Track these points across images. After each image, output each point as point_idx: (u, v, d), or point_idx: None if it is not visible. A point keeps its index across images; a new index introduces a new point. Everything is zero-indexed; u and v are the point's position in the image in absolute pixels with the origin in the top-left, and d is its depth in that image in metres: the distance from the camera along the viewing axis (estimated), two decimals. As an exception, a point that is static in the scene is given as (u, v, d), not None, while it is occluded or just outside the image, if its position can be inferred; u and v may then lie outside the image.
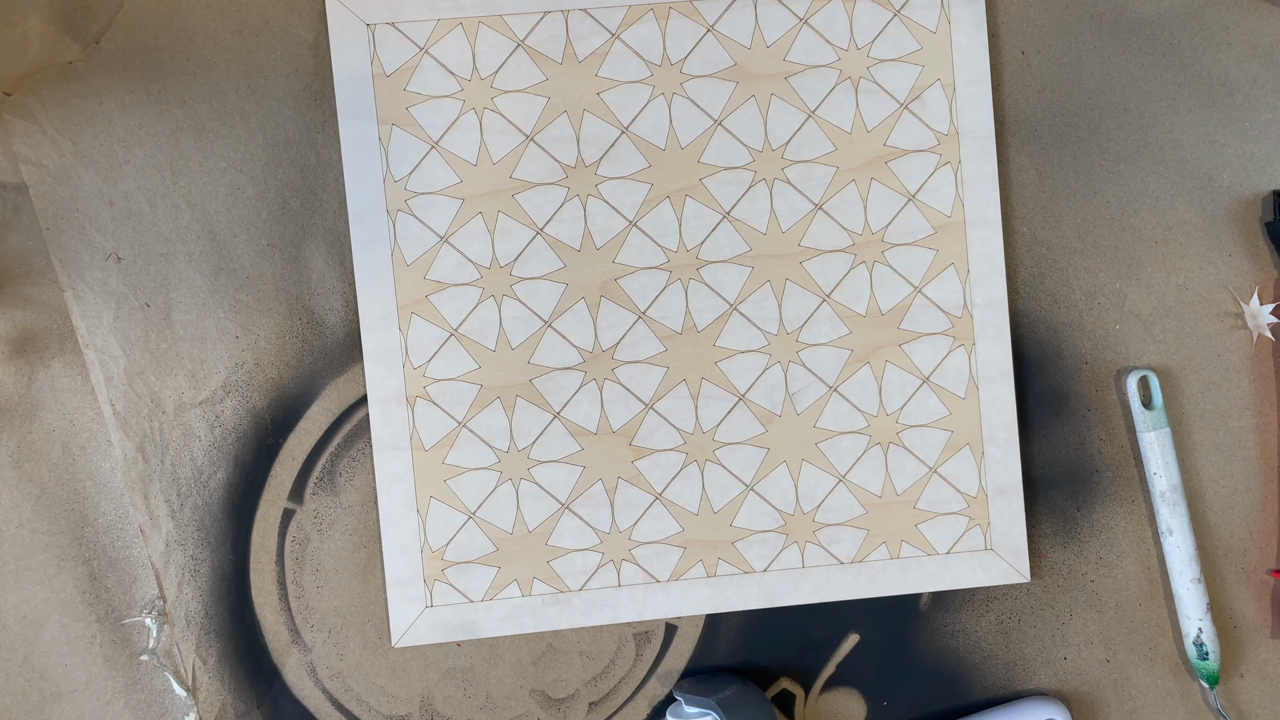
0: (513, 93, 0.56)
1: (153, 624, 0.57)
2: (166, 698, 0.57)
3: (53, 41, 0.55)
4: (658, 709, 0.58)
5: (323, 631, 0.57)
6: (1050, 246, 0.58)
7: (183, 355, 0.56)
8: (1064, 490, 0.59)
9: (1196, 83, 0.58)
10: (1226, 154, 0.59)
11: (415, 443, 0.56)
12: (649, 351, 0.57)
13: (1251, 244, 0.59)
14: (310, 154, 0.56)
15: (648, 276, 0.57)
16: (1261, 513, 0.59)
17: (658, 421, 0.57)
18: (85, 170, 0.55)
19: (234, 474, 0.56)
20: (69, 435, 0.56)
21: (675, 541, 0.57)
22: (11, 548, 0.56)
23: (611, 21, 0.56)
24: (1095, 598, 0.59)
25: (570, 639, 0.58)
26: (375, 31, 0.56)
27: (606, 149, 0.56)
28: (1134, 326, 0.59)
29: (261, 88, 0.56)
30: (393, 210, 0.56)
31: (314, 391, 0.57)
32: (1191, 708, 0.59)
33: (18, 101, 0.55)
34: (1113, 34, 0.58)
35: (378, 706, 0.57)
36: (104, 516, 0.57)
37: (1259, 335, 0.59)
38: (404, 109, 0.56)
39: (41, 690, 0.57)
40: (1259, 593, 0.59)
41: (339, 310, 0.56)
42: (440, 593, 0.57)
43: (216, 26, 0.56)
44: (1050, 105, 0.58)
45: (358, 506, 0.57)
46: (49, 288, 0.56)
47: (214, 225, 0.56)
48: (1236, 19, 0.58)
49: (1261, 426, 0.59)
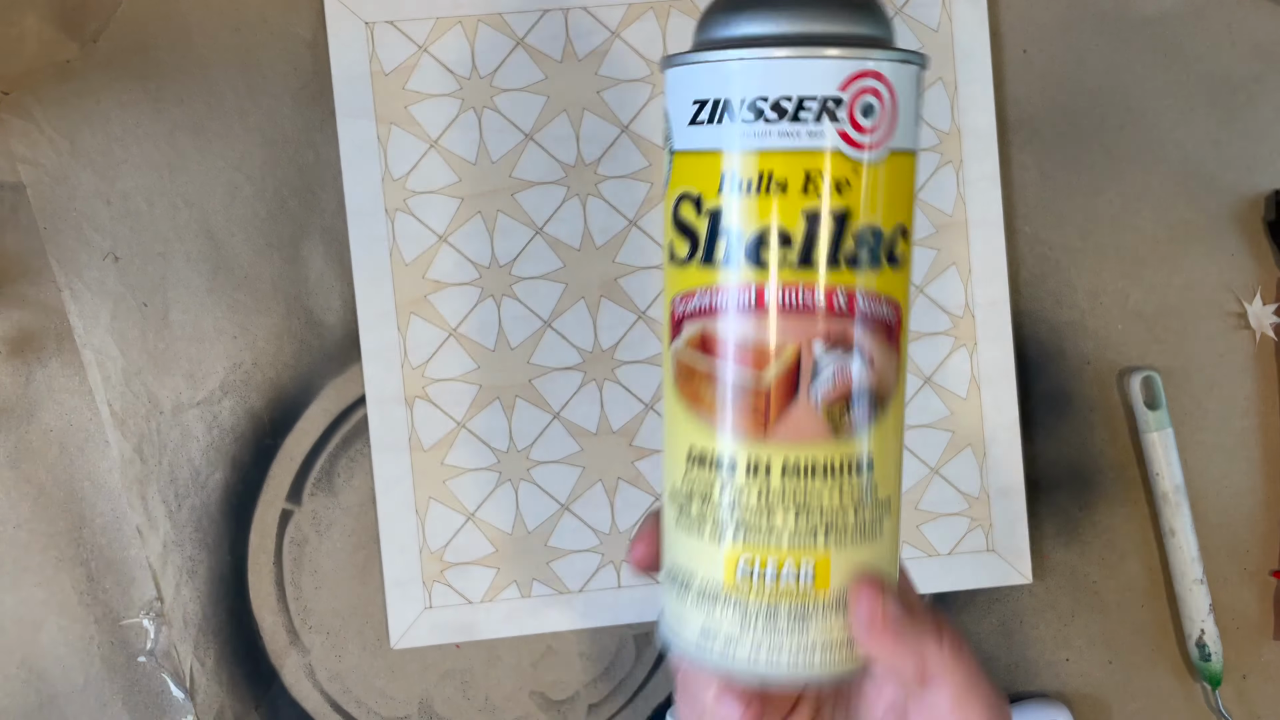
0: (512, 91, 0.56)
1: (150, 625, 0.56)
2: (164, 699, 0.57)
3: (50, 40, 0.55)
4: (658, 711, 0.58)
5: (321, 633, 0.57)
6: (1052, 246, 0.58)
7: (180, 355, 0.56)
8: (1066, 491, 0.58)
9: (1199, 82, 0.58)
10: (1229, 153, 0.58)
11: (414, 443, 0.56)
12: (649, 351, 0.57)
13: (1255, 243, 0.59)
14: (308, 153, 0.56)
15: (647, 276, 0.57)
16: (1265, 513, 0.59)
17: (658, 422, 0.57)
18: (83, 169, 0.55)
19: (232, 474, 0.56)
20: (66, 435, 0.56)
21: (675, 542, 0.57)
22: (9, 548, 0.56)
23: (611, 20, 0.56)
24: (1098, 599, 0.59)
25: (570, 640, 0.57)
26: (374, 30, 0.55)
27: (606, 148, 0.56)
28: (1136, 326, 0.58)
29: (259, 86, 0.56)
30: (391, 209, 0.56)
31: (312, 392, 0.56)
32: (1194, 709, 0.59)
33: (15, 100, 0.55)
34: (1115, 33, 0.58)
35: (376, 708, 0.57)
36: (101, 517, 0.56)
37: (1262, 335, 0.59)
38: (403, 108, 0.56)
39: (39, 691, 0.56)
40: (1262, 594, 0.59)
41: (337, 310, 0.56)
42: (439, 594, 0.56)
43: (214, 25, 0.56)
44: (1052, 104, 0.58)
45: (356, 507, 0.56)
46: (46, 287, 0.56)
47: (212, 224, 0.56)
48: (1239, 18, 0.58)
49: (1265, 427, 0.59)
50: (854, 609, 0.34)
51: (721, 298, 0.34)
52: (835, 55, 0.32)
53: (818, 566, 0.34)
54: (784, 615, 0.34)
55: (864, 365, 0.34)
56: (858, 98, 0.32)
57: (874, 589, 0.34)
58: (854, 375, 0.34)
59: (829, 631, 0.34)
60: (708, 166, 0.33)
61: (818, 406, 0.34)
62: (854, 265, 0.33)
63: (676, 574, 0.36)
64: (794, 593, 0.34)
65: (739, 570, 0.34)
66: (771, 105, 0.32)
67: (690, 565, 0.35)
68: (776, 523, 0.34)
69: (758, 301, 0.33)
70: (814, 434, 0.34)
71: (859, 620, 0.34)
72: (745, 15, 0.33)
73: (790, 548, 0.34)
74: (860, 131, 0.32)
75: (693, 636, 0.35)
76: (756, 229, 0.33)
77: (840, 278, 0.33)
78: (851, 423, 0.34)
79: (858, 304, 0.33)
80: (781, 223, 0.33)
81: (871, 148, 0.33)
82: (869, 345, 0.34)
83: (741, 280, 0.33)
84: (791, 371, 0.33)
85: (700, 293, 0.34)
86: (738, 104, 0.32)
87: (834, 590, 0.34)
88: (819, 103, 0.32)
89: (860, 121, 0.32)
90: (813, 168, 0.32)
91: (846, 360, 0.34)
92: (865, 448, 0.34)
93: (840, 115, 0.32)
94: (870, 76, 0.32)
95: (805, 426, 0.34)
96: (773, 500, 0.34)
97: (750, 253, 0.33)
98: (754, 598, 0.34)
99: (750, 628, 0.34)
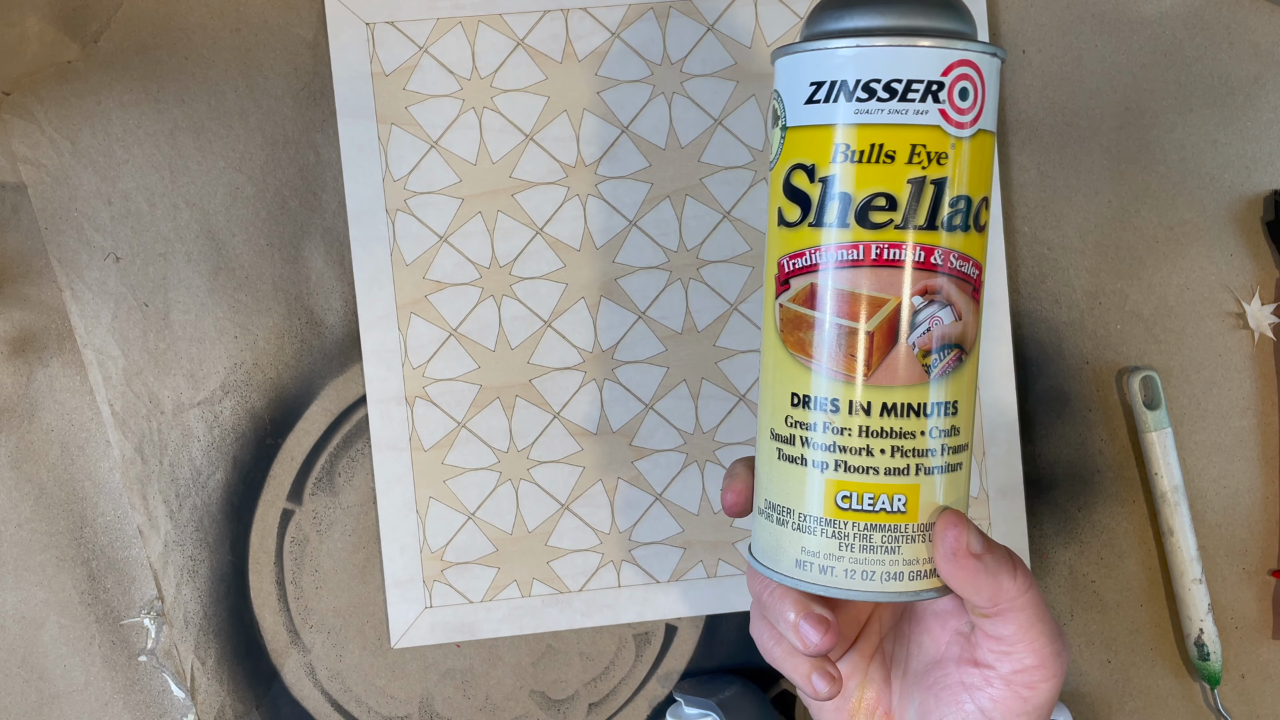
0: (512, 92, 0.56)
1: (151, 625, 0.57)
2: (165, 698, 0.57)
3: (51, 41, 0.55)
4: (658, 710, 0.58)
5: (322, 632, 0.57)
6: (1051, 246, 0.58)
7: (181, 355, 0.56)
8: (1065, 490, 0.59)
9: (1198, 82, 0.58)
10: (1228, 153, 0.58)
11: (414, 443, 0.56)
12: (649, 351, 0.57)
13: (1253, 243, 0.59)
14: (309, 153, 0.56)
15: (647, 276, 0.57)
16: (1263, 513, 0.59)
17: (658, 421, 0.57)
18: (84, 170, 0.55)
19: (232, 474, 0.56)
20: (67, 435, 0.56)
21: (675, 542, 0.57)
22: (10, 548, 0.56)
23: (611, 20, 0.56)
24: (1096, 598, 0.59)
25: (570, 640, 0.57)
26: (374, 30, 0.55)
27: (606, 148, 0.56)
28: (1135, 326, 0.58)
29: (260, 87, 0.56)
30: (392, 210, 0.56)
31: (313, 391, 0.56)
32: (1193, 708, 0.59)
33: (16, 101, 0.55)
34: (1114, 33, 0.58)
35: (377, 707, 0.57)
36: (102, 517, 0.56)
37: (1260, 335, 0.59)
38: (403, 108, 0.56)
39: (40, 691, 0.56)
40: (1260, 593, 0.59)
41: (338, 310, 0.56)
42: (440, 593, 0.56)
43: (215, 26, 0.56)
44: (1051, 104, 0.58)
45: (357, 507, 0.57)
46: (47, 287, 0.56)
47: (212, 225, 0.56)
48: (1238, 18, 0.58)
49: (1263, 426, 0.59)
50: (940, 539, 0.38)
51: (831, 255, 0.38)
52: (939, 45, 0.37)
53: (909, 497, 0.38)
54: (877, 541, 0.38)
55: (953, 316, 0.38)
56: (956, 83, 0.37)
57: (959, 521, 0.38)
58: (945, 325, 0.38)
59: (916, 557, 0.39)
60: (822, 139, 0.38)
61: (914, 352, 0.38)
62: (948, 228, 0.38)
63: (775, 506, 0.40)
64: (887, 520, 0.38)
65: (838, 500, 0.38)
66: (884, 86, 0.37)
67: (790, 497, 0.39)
68: (874, 457, 0.38)
69: (864, 257, 0.38)
70: (910, 377, 0.38)
71: (945, 549, 0.38)
72: (858, 10, 0.38)
73: (886, 480, 0.38)
74: (958, 111, 0.37)
75: (790, 561, 0.39)
76: (866, 194, 0.37)
77: (936, 238, 0.38)
78: (943, 368, 0.38)
79: (950, 262, 0.38)
80: (888, 188, 0.37)
81: (966, 125, 0.38)
82: (957, 299, 0.38)
83: (851, 239, 0.38)
84: (892, 321, 0.38)
85: (810, 251, 0.38)
86: (852, 85, 0.37)
87: (921, 520, 0.38)
88: (924, 85, 0.37)
89: (958, 103, 0.37)
90: (917, 141, 0.37)
91: (939, 312, 0.38)
92: (952, 391, 0.39)
93: (942, 96, 0.37)
94: (966, 65, 0.37)
95: (902, 371, 0.38)
96: (871, 437, 0.38)
97: (859, 215, 0.37)
98: (851, 525, 0.38)
99: (846, 551, 0.38)
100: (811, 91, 0.38)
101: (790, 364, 0.39)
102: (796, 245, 0.39)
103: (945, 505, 0.39)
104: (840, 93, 0.37)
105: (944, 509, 0.39)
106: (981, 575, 0.38)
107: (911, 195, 0.37)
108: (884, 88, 0.37)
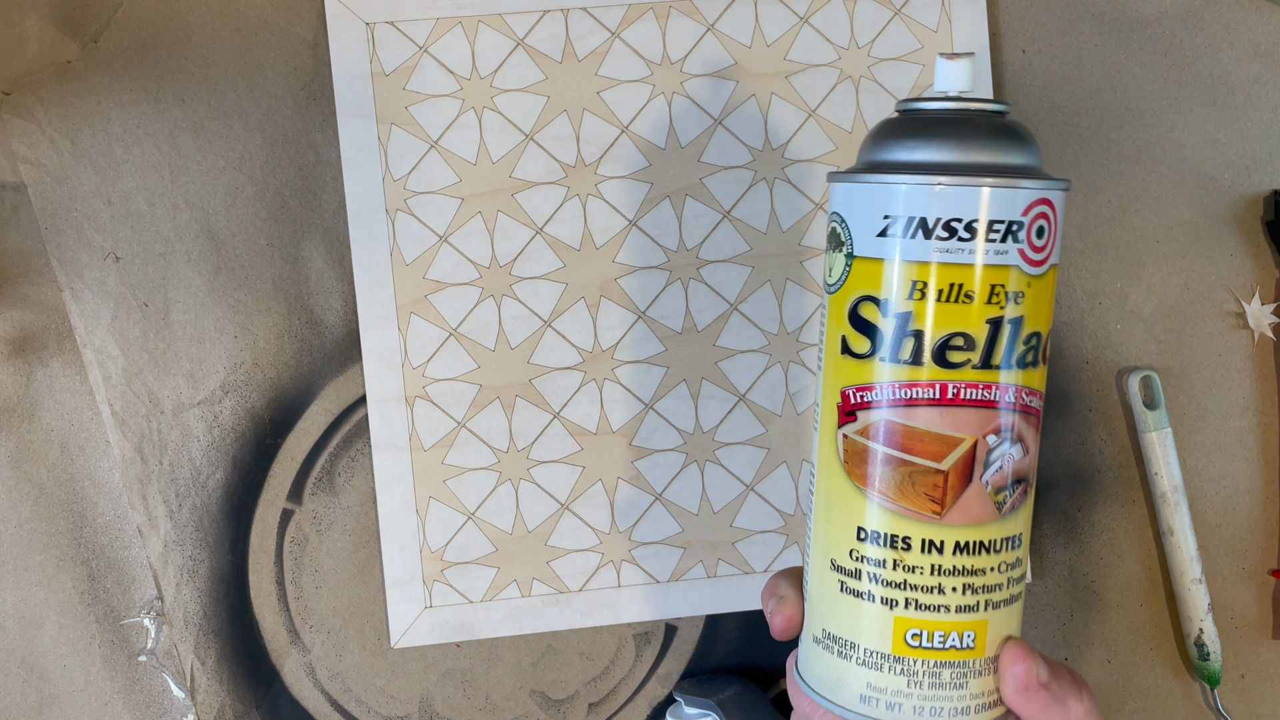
0: (512, 92, 0.56)
1: (151, 624, 0.57)
2: (165, 698, 0.57)
3: (51, 40, 0.55)
4: (658, 710, 0.58)
5: (321, 632, 0.57)
6: (1051, 246, 0.58)
7: (181, 355, 0.56)
8: (1065, 490, 0.59)
9: (1198, 82, 0.58)
10: (1228, 153, 0.58)
11: (414, 443, 0.56)
12: (649, 351, 0.57)
13: (1253, 243, 0.59)
14: (309, 153, 0.56)
15: (648, 276, 0.57)
16: (1263, 513, 0.59)
17: (658, 421, 0.57)
18: (84, 169, 0.55)
19: (232, 474, 0.56)
20: (67, 435, 0.56)
21: (675, 542, 0.57)
22: (10, 548, 0.56)
23: (611, 20, 0.56)
24: (1096, 598, 0.59)
25: (570, 640, 0.57)
26: (374, 30, 0.55)
27: (606, 148, 0.56)
28: (1135, 326, 0.58)
29: (260, 87, 0.56)
30: (392, 210, 0.56)
31: (313, 391, 0.56)
32: (1193, 708, 0.59)
33: (16, 101, 0.55)
34: (1114, 33, 0.58)
35: (377, 707, 0.57)
36: (102, 517, 0.56)
37: (1260, 335, 0.59)
38: (403, 108, 0.56)
39: (40, 690, 0.56)
40: (1260, 593, 0.59)
41: (338, 310, 0.56)
42: (439, 593, 0.56)
43: (215, 25, 0.56)
44: (1051, 104, 0.58)
45: (357, 507, 0.57)
46: (47, 287, 0.56)
47: (212, 224, 0.56)
48: (1238, 18, 0.58)
49: (1263, 426, 0.59)
50: (1009, 672, 0.38)
51: (905, 392, 0.37)
52: (1020, 185, 0.36)
53: (978, 633, 0.38)
54: (946, 678, 0.38)
55: (1023, 452, 0.38)
56: (1034, 221, 0.37)
57: (1027, 655, 0.38)
58: (1016, 461, 0.38)
59: (983, 690, 0.38)
60: (896, 274, 0.37)
61: (987, 490, 0.37)
62: (1022, 365, 0.37)
63: (836, 639, 0.39)
64: (956, 657, 0.38)
65: (908, 638, 0.38)
66: (965, 226, 0.36)
67: (854, 631, 0.39)
68: (945, 595, 0.38)
69: (940, 397, 0.37)
70: (983, 515, 0.37)
71: (1015, 683, 0.38)
72: (935, 142, 0.37)
73: (956, 617, 0.38)
74: (1035, 250, 0.37)
75: (854, 696, 0.38)
76: (944, 333, 0.36)
77: (1012, 377, 0.37)
78: (1011, 504, 0.38)
79: (1021, 399, 0.38)
80: (966, 328, 0.36)
81: (1041, 264, 0.37)
82: (1026, 434, 0.38)
83: (927, 378, 0.37)
84: (967, 461, 0.37)
85: (882, 386, 0.37)
86: (931, 223, 0.36)
87: (988, 654, 0.38)
88: (1005, 225, 0.36)
89: (1035, 241, 0.37)
90: (997, 281, 0.36)
91: (1010, 449, 0.38)
92: (1019, 525, 0.39)
93: (1020, 236, 0.36)
94: (1044, 204, 0.37)
95: (976, 509, 0.37)
96: (943, 575, 0.38)
97: (936, 354, 0.37)
98: (920, 663, 0.38)
99: (915, 689, 0.38)
100: (885, 225, 0.37)
101: (855, 496, 0.38)
102: (865, 378, 0.38)
103: (1012, 636, 0.39)
104: (919, 230, 0.36)
105: (1008, 639, 0.39)
106: (1051, 704, 0.38)
107: (989, 335, 0.37)
108: (965, 227, 0.36)
